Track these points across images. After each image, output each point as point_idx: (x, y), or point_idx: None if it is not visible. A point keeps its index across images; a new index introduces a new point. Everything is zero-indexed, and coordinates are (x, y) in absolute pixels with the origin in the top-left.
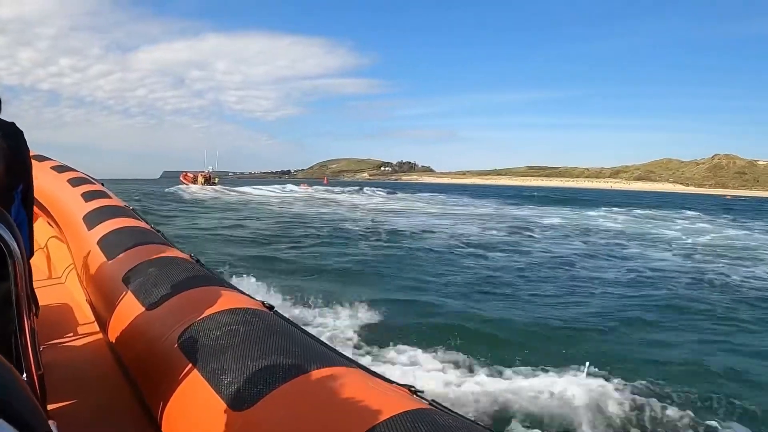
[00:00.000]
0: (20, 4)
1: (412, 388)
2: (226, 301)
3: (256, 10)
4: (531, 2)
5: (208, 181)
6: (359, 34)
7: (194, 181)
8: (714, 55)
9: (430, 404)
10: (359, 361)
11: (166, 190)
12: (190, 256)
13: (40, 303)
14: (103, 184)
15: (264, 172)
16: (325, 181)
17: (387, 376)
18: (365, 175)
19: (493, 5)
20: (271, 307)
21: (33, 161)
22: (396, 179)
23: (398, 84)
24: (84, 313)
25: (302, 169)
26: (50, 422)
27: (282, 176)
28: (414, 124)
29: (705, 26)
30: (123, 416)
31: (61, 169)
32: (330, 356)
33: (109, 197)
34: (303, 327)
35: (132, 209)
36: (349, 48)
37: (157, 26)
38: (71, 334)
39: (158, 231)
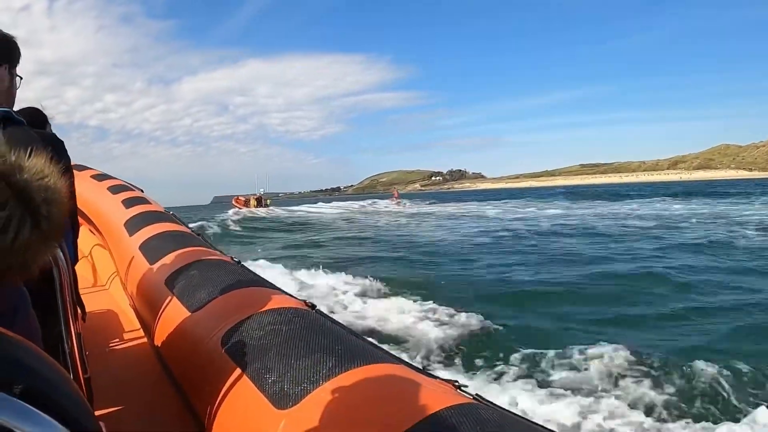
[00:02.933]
0: (61, 45)
1: (456, 383)
2: (268, 301)
3: (293, 33)
4: (564, 3)
5: (260, 203)
6: (397, 48)
7: (246, 204)
8: (755, 37)
9: (474, 399)
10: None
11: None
12: (231, 258)
13: (88, 310)
14: (143, 191)
15: (313, 191)
16: (395, 195)
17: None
18: (417, 186)
19: (527, 9)
20: (313, 306)
21: (74, 171)
22: (449, 188)
23: (437, 95)
24: (128, 319)
25: (352, 185)
26: (100, 424)
27: (332, 193)
28: (456, 133)
29: (749, 8)
30: (169, 418)
31: (100, 177)
32: (373, 353)
33: (149, 203)
34: (345, 325)
35: (172, 214)
36: (388, 62)
37: (197, 57)
38: (117, 340)
39: (199, 234)
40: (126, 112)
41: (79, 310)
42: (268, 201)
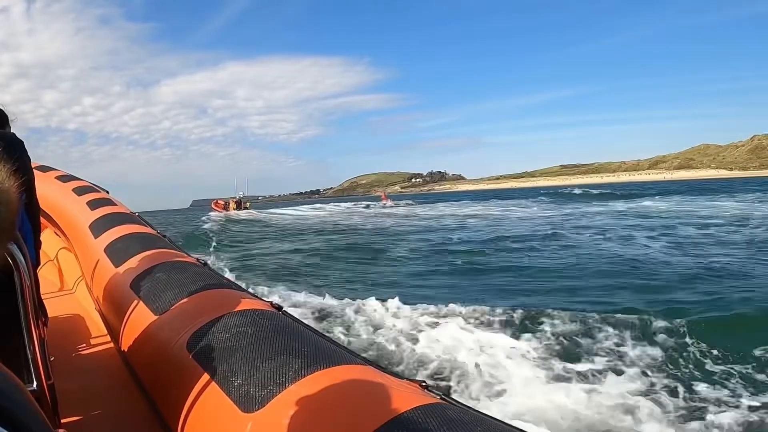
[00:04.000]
0: (39, 48)
1: (423, 383)
2: (233, 303)
3: (273, 36)
4: (543, 4)
5: (240, 206)
6: (375, 50)
7: (225, 207)
8: (735, 38)
9: (441, 398)
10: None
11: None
12: (197, 259)
13: (52, 315)
14: (108, 192)
15: (293, 194)
16: (383, 197)
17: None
18: (397, 188)
19: (505, 11)
20: (279, 308)
21: (37, 172)
22: (429, 190)
23: (416, 96)
24: (95, 323)
25: (331, 188)
26: (61, 431)
27: (312, 196)
28: (436, 135)
29: (724, 8)
30: (136, 423)
31: (65, 178)
32: (340, 354)
33: (115, 204)
34: (312, 326)
35: (138, 215)
36: (367, 64)
37: (176, 60)
38: (82, 345)
39: (165, 236)
40: (104, 115)
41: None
42: (248, 204)
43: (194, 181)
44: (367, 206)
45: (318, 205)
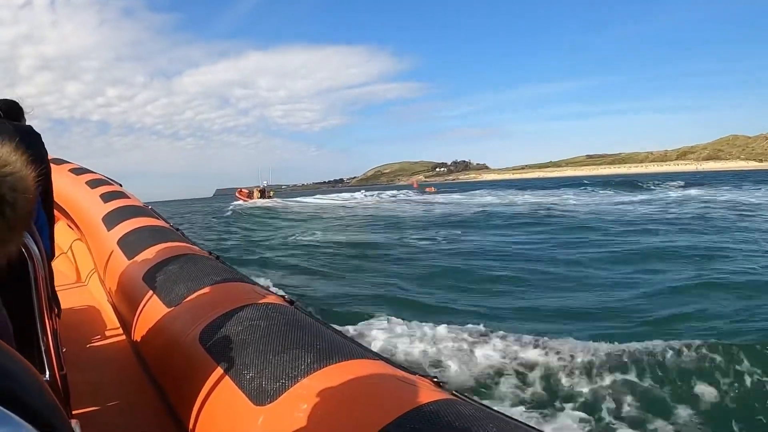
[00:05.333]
0: (63, 41)
1: (435, 379)
2: (246, 296)
3: (294, 25)
4: None
5: (264, 194)
6: (398, 39)
7: (249, 196)
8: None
9: (453, 394)
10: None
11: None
12: (210, 252)
13: (65, 306)
14: (121, 185)
15: (316, 183)
16: (415, 186)
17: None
18: (420, 177)
19: None
20: (291, 302)
21: (51, 165)
22: (454, 179)
23: (439, 85)
24: (107, 315)
25: (355, 177)
26: (73, 421)
27: (335, 185)
28: (459, 124)
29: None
30: (147, 415)
31: (79, 171)
32: (352, 348)
33: (128, 197)
34: (324, 321)
35: (151, 208)
36: (389, 53)
37: (198, 50)
38: (95, 337)
39: (177, 229)
40: (128, 106)
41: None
42: (272, 193)
43: (217, 171)
44: (421, 191)
45: (366, 193)
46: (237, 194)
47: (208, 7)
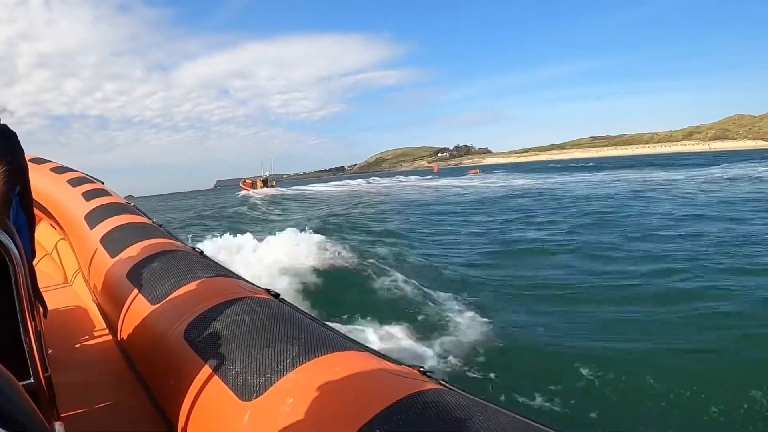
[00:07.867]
0: (59, 37)
1: (422, 369)
2: (230, 291)
3: (291, 14)
4: None
5: (266, 184)
6: (394, 25)
7: (253, 186)
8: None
9: (440, 384)
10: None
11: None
12: (193, 248)
13: (52, 308)
14: (103, 183)
15: (318, 171)
16: (435, 170)
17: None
18: (423, 162)
19: None
20: (276, 295)
21: (31, 164)
22: (457, 164)
23: (437, 70)
24: (92, 315)
25: (356, 164)
26: (57, 424)
27: (337, 173)
28: (459, 108)
29: None
30: (134, 415)
31: (60, 170)
32: (337, 340)
33: (110, 195)
34: (309, 313)
35: (133, 205)
36: (386, 40)
37: (196, 42)
38: (81, 337)
39: (160, 225)
40: (126, 100)
41: (40, 308)
42: (274, 182)
43: (217, 163)
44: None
45: (386, 180)
46: (241, 185)
47: None
